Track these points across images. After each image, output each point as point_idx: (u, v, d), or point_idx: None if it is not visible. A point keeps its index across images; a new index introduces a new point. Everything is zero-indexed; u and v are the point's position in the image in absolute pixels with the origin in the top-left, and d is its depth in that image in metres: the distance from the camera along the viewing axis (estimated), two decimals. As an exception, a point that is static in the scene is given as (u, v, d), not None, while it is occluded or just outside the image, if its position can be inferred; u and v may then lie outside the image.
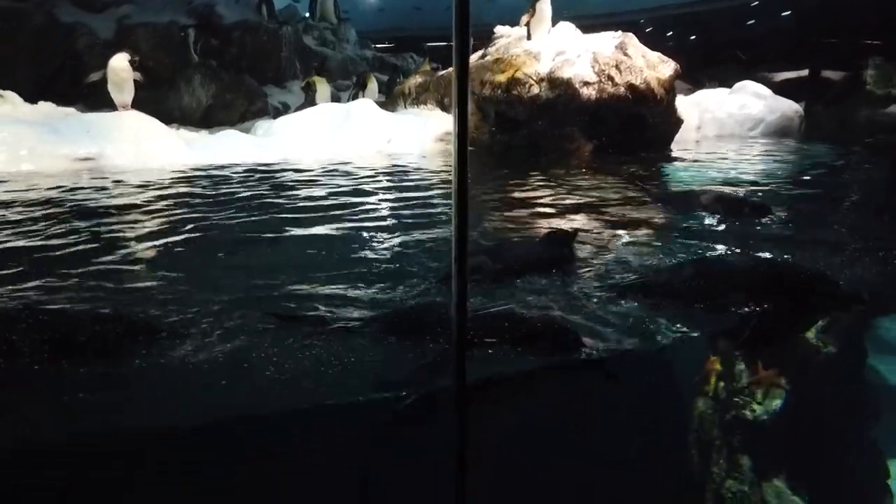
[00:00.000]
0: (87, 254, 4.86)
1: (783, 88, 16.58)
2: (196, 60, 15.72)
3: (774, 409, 7.03)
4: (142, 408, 3.06)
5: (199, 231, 5.67)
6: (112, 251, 4.94)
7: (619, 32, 11.97)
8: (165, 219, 6.13)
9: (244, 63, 16.72)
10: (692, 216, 6.22)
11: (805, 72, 19.21)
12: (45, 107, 10.51)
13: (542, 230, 5.70)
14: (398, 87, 14.92)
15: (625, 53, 11.35)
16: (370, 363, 3.31)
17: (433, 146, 11.91)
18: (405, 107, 13.56)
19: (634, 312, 3.86)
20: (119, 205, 6.76)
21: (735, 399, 7.24)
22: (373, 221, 6.01)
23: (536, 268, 4.59)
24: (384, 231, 5.61)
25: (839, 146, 12.37)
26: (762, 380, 7.13)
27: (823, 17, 20.26)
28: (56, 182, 7.78)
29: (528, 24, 12.18)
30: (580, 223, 5.97)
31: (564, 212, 6.53)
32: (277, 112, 15.43)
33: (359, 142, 11.12)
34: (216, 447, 3.46)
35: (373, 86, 15.46)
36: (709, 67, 20.08)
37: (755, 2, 24.27)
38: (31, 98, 11.06)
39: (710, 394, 7.49)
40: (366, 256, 4.85)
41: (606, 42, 11.69)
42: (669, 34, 26.01)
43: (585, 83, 11.03)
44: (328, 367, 3.21)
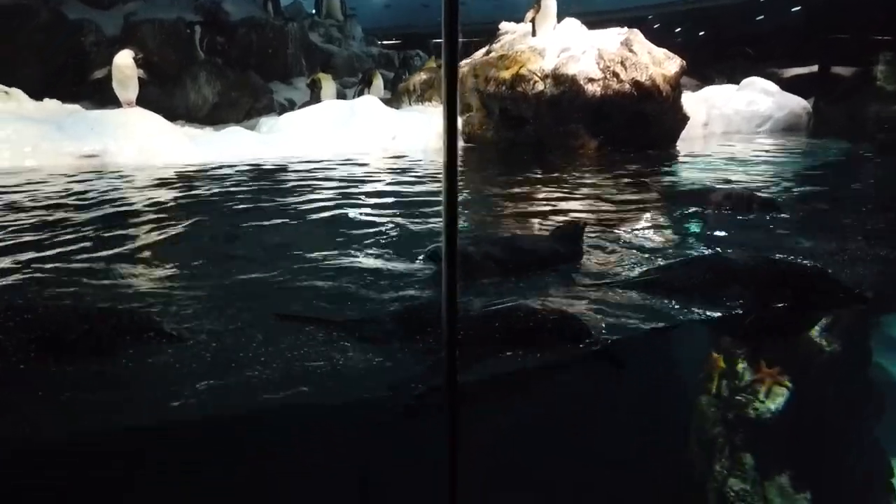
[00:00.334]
0: (87, 250, 4.87)
1: (792, 84, 16.49)
2: (202, 58, 15.74)
3: (777, 408, 6.99)
4: (137, 405, 3.05)
5: (201, 228, 5.68)
6: (113, 247, 4.95)
7: (625, 29, 11.92)
8: (166, 216, 6.14)
9: (250, 60, 16.73)
10: (698, 213, 6.19)
11: (814, 68, 19.11)
12: (51, 104, 10.56)
13: (548, 226, 5.70)
14: (403, 84, 14.92)
15: (630, 50, 11.31)
16: (375, 360, 3.30)
17: (438, 143, 11.89)
18: (410, 104, 13.55)
19: (638, 308, 3.84)
20: (121, 201, 6.78)
21: (737, 397, 7.20)
22: (376, 218, 6.00)
23: (545, 261, 4.60)
24: (387, 228, 5.59)
25: (847, 143, 12.29)
26: (765, 378, 7.09)
27: (833, 13, 20.13)
28: (59, 179, 7.82)
29: (534, 21, 12.16)
30: (586, 220, 5.94)
31: (569, 208, 6.51)
32: (283, 109, 15.45)
33: (363, 139, 11.12)
34: (212, 445, 3.46)
35: (378, 83, 15.46)
36: (717, 63, 19.98)
37: (764, -2, 24.16)
38: (38, 95, 11.10)
39: (713, 392, 7.47)
40: (369, 253, 4.84)
41: (612, 38, 11.66)
42: (678, 30, 25.91)
43: (590, 80, 11.00)
44: (332, 365, 3.19)
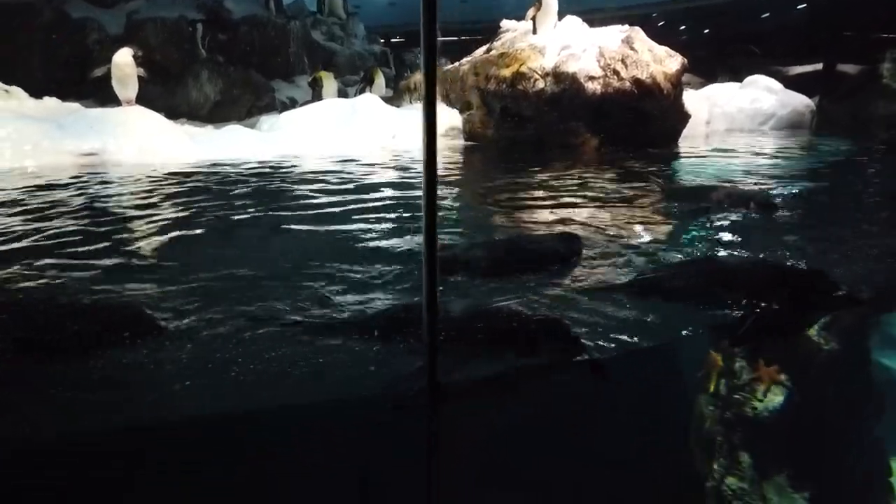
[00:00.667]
0: (83, 248, 4.87)
1: (797, 82, 16.41)
2: (204, 56, 15.77)
3: (775, 407, 6.97)
4: (131, 403, 3.05)
5: (199, 226, 5.68)
6: (108, 245, 4.95)
7: (626, 26, 11.89)
8: (163, 214, 6.15)
9: (252, 58, 16.75)
10: (698, 212, 6.17)
11: (819, 66, 19.01)
12: (51, 102, 10.59)
13: (547, 225, 5.70)
14: (404, 83, 14.92)
15: (631, 48, 11.27)
16: (370, 360, 3.29)
17: (438, 141, 11.87)
18: (411, 102, 13.54)
19: (635, 309, 3.82)
20: (117, 199, 6.79)
21: (735, 396, 7.19)
22: (374, 216, 6.00)
23: (543, 264, 4.59)
24: (385, 226, 5.58)
25: (851, 141, 12.24)
26: (763, 377, 7.07)
27: (839, 11, 20.01)
28: (58, 177, 7.84)
29: (534, 19, 12.13)
30: (585, 218, 5.94)
31: (569, 207, 6.49)
32: (285, 107, 15.45)
33: (363, 137, 11.12)
34: (204, 444, 3.46)
35: (380, 81, 15.47)
36: (722, 61, 19.92)
37: (769, -5, 24.04)
38: (40, 93, 11.15)
39: (711, 391, 7.45)
40: (367, 252, 4.83)
41: (613, 36, 11.62)
42: (682, 28, 25.84)
43: (591, 78, 10.97)
44: (327, 364, 3.19)
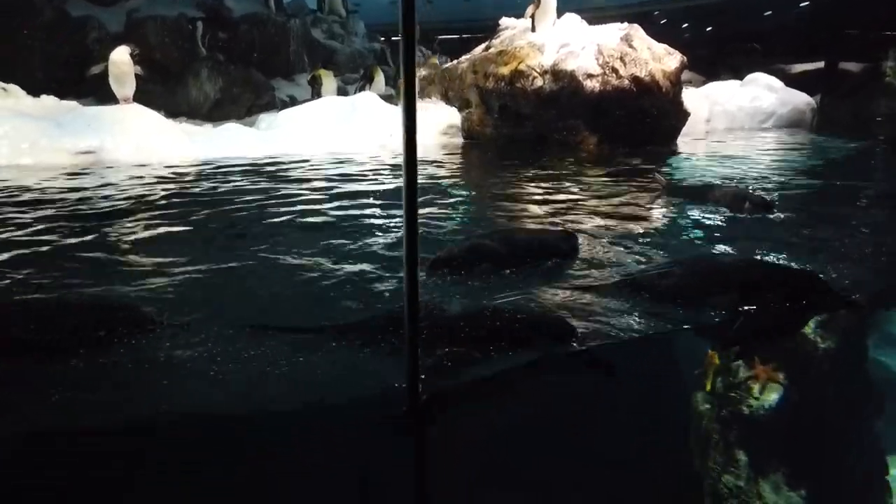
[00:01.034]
0: (80, 246, 4.89)
1: (799, 80, 16.37)
2: (204, 54, 15.78)
3: (771, 404, 6.96)
4: (128, 401, 3.05)
5: (196, 224, 5.69)
6: (105, 244, 4.97)
7: (625, 24, 11.87)
8: (159, 212, 6.16)
9: (252, 57, 16.75)
10: (695, 211, 6.17)
11: (821, 64, 18.96)
12: (48, 100, 10.61)
13: (544, 222, 5.71)
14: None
15: (630, 45, 11.25)
16: (367, 363, 3.28)
17: (436, 139, 11.89)
18: (410, 100, 13.51)
19: (630, 307, 3.82)
20: (113, 197, 6.80)
21: (732, 394, 7.19)
22: (371, 213, 5.99)
23: (540, 260, 4.59)
24: (382, 224, 5.58)
25: (851, 140, 12.20)
26: (759, 374, 7.07)
27: (840, 9, 19.96)
28: (55, 175, 7.85)
29: (533, 16, 12.12)
30: (582, 216, 5.93)
31: (567, 205, 6.49)
32: (285, 105, 15.41)
33: (361, 135, 11.11)
34: (197, 444, 3.47)
35: (380, 79, 15.46)
36: (724, 59, 19.89)
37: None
38: (41, 92, 11.17)
39: (708, 389, 7.45)
40: (363, 251, 4.82)
41: (612, 34, 11.60)
42: (684, 26, 25.81)
43: (589, 75, 10.95)
44: (325, 367, 3.18)
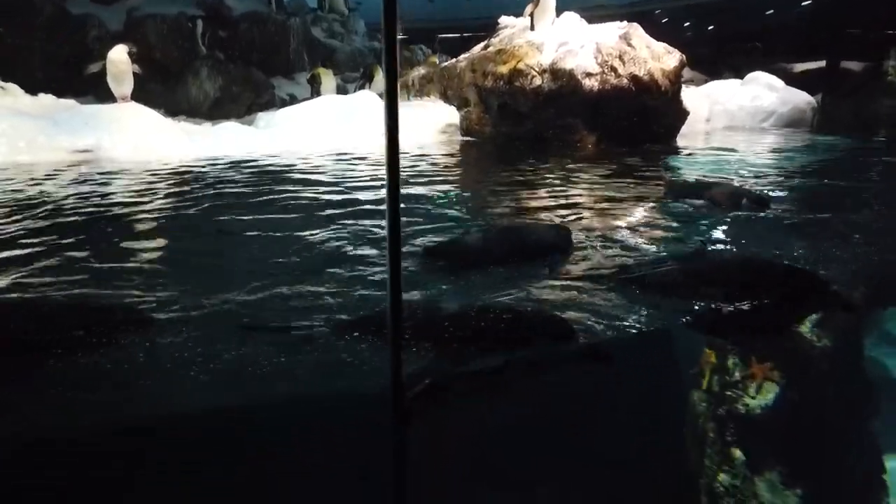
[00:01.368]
0: (76, 244, 4.89)
1: (800, 80, 16.34)
2: (204, 53, 15.78)
3: (767, 403, 6.96)
4: (128, 401, 3.05)
5: (192, 221, 5.70)
6: (101, 242, 4.97)
7: (625, 23, 11.85)
8: (155, 210, 6.18)
9: (252, 55, 16.75)
10: (692, 208, 6.17)
11: (822, 63, 18.92)
12: (46, 98, 10.62)
13: (543, 221, 5.71)
14: (401, 79, 14.89)
15: (629, 44, 11.23)
16: (366, 360, 3.28)
17: (435, 137, 11.89)
18: (409, 98, 13.53)
19: (625, 303, 3.83)
20: (110, 196, 6.81)
21: (728, 393, 7.18)
22: (368, 211, 5.99)
23: (533, 255, 4.62)
24: (379, 223, 5.57)
25: (851, 139, 12.18)
26: (755, 373, 7.06)
27: (842, 8, 19.92)
28: (52, 173, 7.87)
29: (532, 15, 12.11)
30: (579, 213, 5.94)
31: (565, 203, 6.50)
32: (285, 104, 15.42)
33: (359, 133, 11.10)
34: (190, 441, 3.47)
35: (379, 77, 15.44)
36: (726, 58, 19.86)
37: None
38: (41, 90, 11.18)
39: (704, 387, 7.44)
40: (360, 249, 4.82)
41: (611, 33, 11.58)
42: (686, 25, 25.78)
43: (588, 74, 10.93)
44: (323, 366, 3.19)
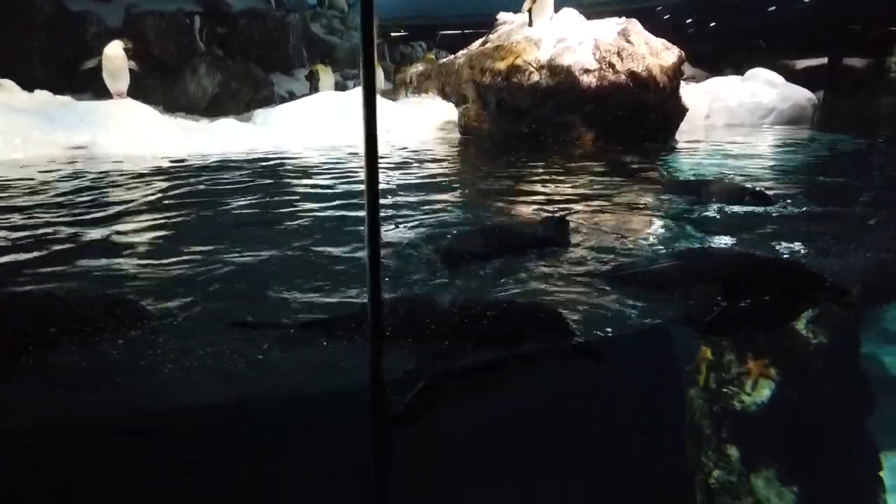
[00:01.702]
0: (71, 240, 4.88)
1: (802, 76, 16.28)
2: (202, 49, 15.78)
3: (763, 400, 6.95)
4: (123, 395, 3.04)
5: (187, 218, 5.68)
6: (96, 238, 4.96)
7: (623, 19, 11.81)
8: (150, 206, 6.17)
9: (251, 52, 16.75)
10: (690, 205, 6.15)
11: (824, 60, 18.86)
12: (42, 95, 10.61)
13: (540, 216, 5.69)
14: (399, 76, 14.88)
15: (627, 40, 11.19)
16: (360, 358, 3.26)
17: (433, 135, 11.87)
18: (406, 95, 13.50)
19: (619, 299, 3.81)
20: (105, 192, 6.81)
21: (724, 389, 7.18)
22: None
23: (529, 249, 4.60)
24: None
25: (851, 136, 12.14)
26: (751, 370, 7.06)
27: (845, 4, 19.83)
28: (48, 169, 7.86)
29: (530, 11, 12.07)
30: (577, 210, 5.92)
31: (563, 200, 6.49)
32: (284, 101, 15.43)
33: (356, 130, 11.05)
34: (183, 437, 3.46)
35: (378, 74, 15.40)
36: (728, 54, 19.81)
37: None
38: (39, 87, 11.17)
39: (701, 384, 7.44)
40: (357, 247, 4.79)
41: (609, 29, 11.53)
42: (689, 21, 25.71)
43: (586, 70, 10.90)
44: (318, 362, 3.17)
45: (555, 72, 11.03)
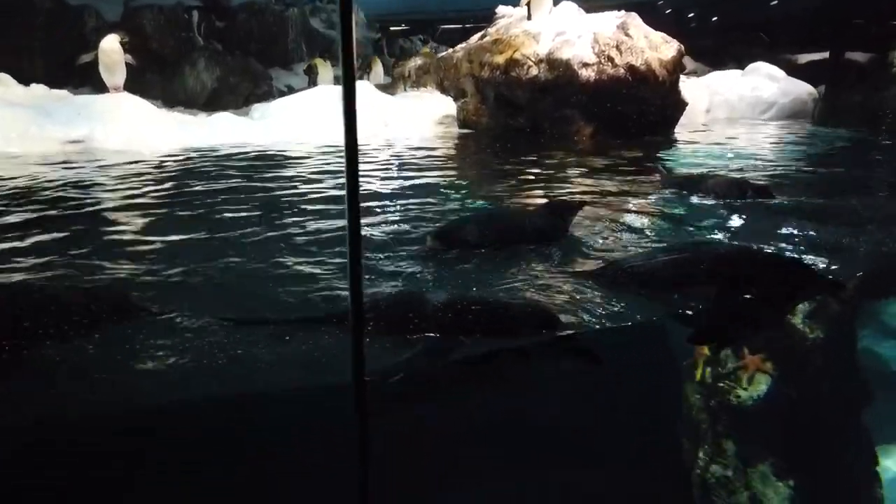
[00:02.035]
0: (64, 236, 4.87)
1: (806, 70, 16.21)
2: (200, 43, 15.76)
3: (759, 395, 6.93)
4: (117, 389, 3.03)
5: (183, 213, 5.68)
6: (90, 233, 4.95)
7: (622, 12, 11.75)
8: (145, 201, 6.17)
9: (250, 46, 16.74)
10: (688, 200, 6.13)
11: (826, 54, 18.77)
12: (38, 89, 10.60)
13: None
14: (398, 70, 14.84)
15: (626, 34, 11.14)
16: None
17: (432, 129, 11.84)
18: (405, 89, 13.47)
19: (618, 296, 3.80)
20: (100, 187, 6.80)
21: (720, 384, 7.16)
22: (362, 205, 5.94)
23: (529, 236, 4.62)
24: (373, 215, 5.53)
25: (852, 131, 12.10)
26: (748, 364, 7.03)
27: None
28: (43, 164, 7.86)
29: (529, 4, 12.03)
30: (579, 200, 5.90)
31: (561, 194, 6.48)
32: (283, 95, 15.39)
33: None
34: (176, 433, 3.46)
35: (378, 69, 15.42)
36: (730, 49, 19.73)
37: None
38: (37, 81, 11.16)
39: (698, 379, 7.42)
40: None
41: (608, 22, 11.49)
42: (690, 15, 25.60)
43: (584, 64, 10.85)
44: (312, 356, 3.16)
45: (553, 66, 10.98)
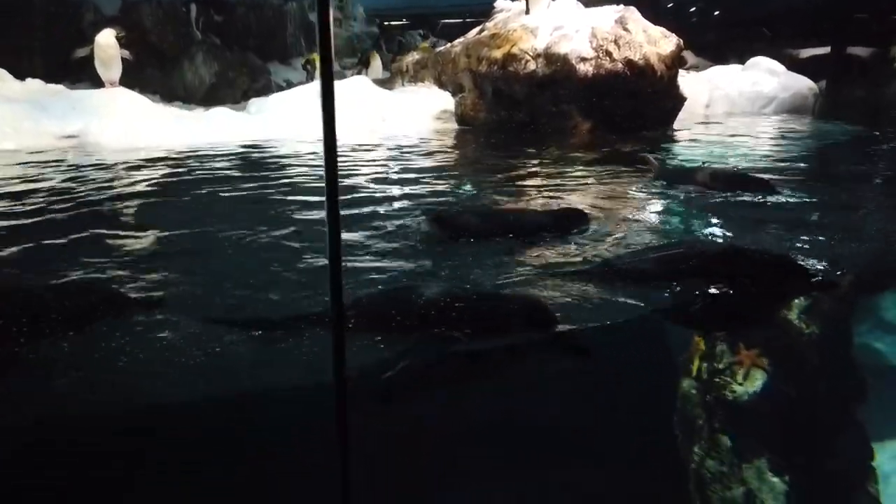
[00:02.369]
0: (63, 233, 4.87)
1: (807, 65, 16.16)
2: (198, 38, 15.73)
3: (755, 390, 6.93)
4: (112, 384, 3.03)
5: (173, 208, 5.67)
6: (86, 229, 4.95)
7: (621, 6, 11.71)
8: (140, 196, 6.18)
9: (249, 40, 16.71)
10: (687, 194, 6.12)
11: (828, 48, 18.73)
12: (34, 84, 10.59)
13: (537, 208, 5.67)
14: (396, 65, 14.80)
15: (624, 28, 11.09)
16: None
17: (429, 124, 11.81)
18: (403, 84, 13.44)
19: (612, 292, 3.80)
20: (94, 181, 6.80)
21: (716, 379, 7.15)
22: (353, 200, 5.94)
23: (527, 231, 4.64)
24: (370, 212, 5.52)
25: (852, 126, 12.07)
26: (744, 360, 7.03)
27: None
28: (38, 159, 7.85)
29: (527, -2, 12.00)
30: (573, 201, 5.90)
31: (557, 189, 6.47)
32: (281, 90, 15.38)
33: (352, 120, 11.02)
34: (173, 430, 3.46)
35: (376, 63, 15.39)
36: (731, 43, 19.68)
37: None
38: (34, 76, 11.14)
39: (694, 374, 7.41)
40: (351, 237, 4.77)
41: (607, 16, 11.44)
42: (692, 10, 25.55)
43: (582, 59, 10.80)
44: (305, 354, 3.16)
45: (551, 60, 10.94)
